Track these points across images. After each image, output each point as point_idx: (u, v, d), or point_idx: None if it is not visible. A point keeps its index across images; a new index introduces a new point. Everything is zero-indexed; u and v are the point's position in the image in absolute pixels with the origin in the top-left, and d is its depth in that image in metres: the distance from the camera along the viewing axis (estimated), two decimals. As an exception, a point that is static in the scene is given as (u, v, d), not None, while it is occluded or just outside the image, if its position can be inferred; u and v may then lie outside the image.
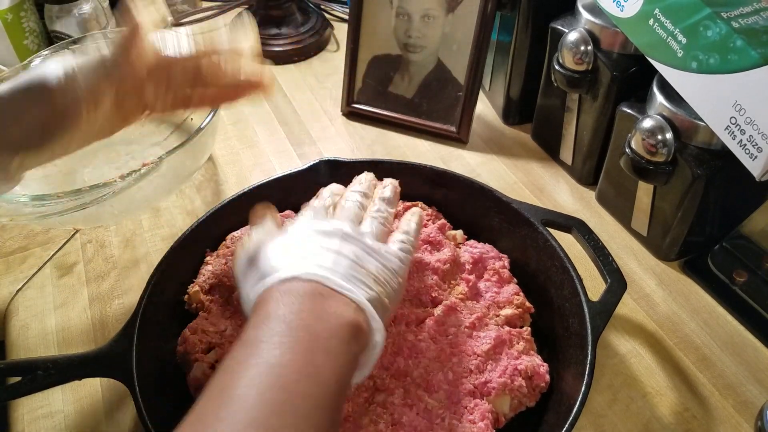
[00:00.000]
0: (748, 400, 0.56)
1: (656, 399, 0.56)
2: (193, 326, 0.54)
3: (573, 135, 0.74)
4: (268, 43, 0.95)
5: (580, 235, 0.57)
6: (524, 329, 0.55)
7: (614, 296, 0.53)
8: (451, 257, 0.58)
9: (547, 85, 0.75)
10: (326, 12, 1.04)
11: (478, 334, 0.54)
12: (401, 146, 0.82)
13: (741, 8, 0.52)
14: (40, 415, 0.55)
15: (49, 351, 0.60)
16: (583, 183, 0.77)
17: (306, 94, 0.91)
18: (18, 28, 0.85)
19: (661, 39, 0.56)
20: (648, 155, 0.60)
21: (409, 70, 0.82)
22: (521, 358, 0.52)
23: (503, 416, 0.50)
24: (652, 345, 0.60)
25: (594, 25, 0.66)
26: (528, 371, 0.52)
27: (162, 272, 0.54)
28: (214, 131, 0.74)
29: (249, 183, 0.64)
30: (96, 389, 0.56)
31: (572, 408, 0.46)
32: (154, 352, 0.51)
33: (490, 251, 0.61)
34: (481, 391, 0.51)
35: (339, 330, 0.39)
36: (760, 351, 0.60)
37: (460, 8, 0.77)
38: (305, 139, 0.83)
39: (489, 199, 0.62)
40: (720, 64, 0.52)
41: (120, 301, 0.63)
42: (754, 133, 0.51)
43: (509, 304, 0.57)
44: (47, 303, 0.63)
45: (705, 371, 0.58)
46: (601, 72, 0.66)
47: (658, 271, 0.67)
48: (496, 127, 0.85)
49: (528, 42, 0.76)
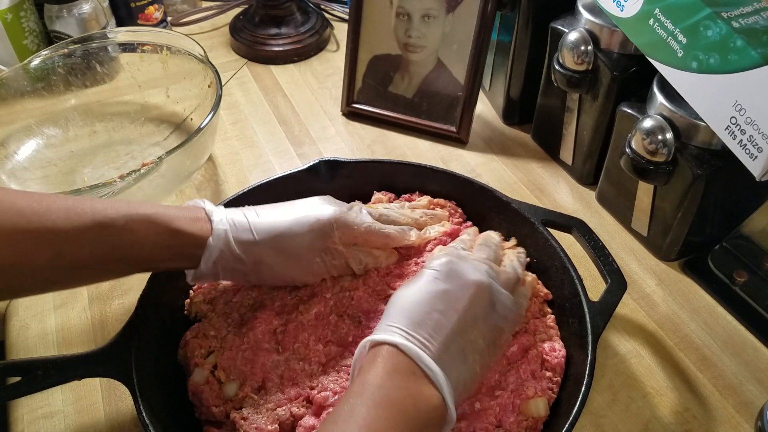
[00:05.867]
0: (748, 400, 0.56)
1: (656, 399, 0.56)
2: (194, 330, 0.54)
3: (573, 135, 0.74)
4: (268, 43, 0.95)
5: (580, 235, 0.57)
6: (548, 317, 0.55)
7: (614, 296, 0.53)
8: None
9: (548, 85, 0.75)
10: (326, 12, 1.04)
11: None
12: (401, 146, 0.82)
13: (741, 8, 0.52)
14: (40, 415, 0.55)
15: (49, 351, 0.60)
16: (583, 183, 0.77)
17: (306, 94, 0.91)
18: (18, 28, 0.85)
19: (661, 39, 0.56)
20: (648, 155, 0.60)
21: (409, 70, 0.82)
22: (543, 349, 0.52)
23: (540, 421, 0.49)
24: (652, 345, 0.60)
25: (594, 25, 0.66)
26: (551, 361, 0.52)
27: (162, 272, 0.54)
28: (213, 131, 0.74)
29: (249, 183, 0.64)
30: (96, 389, 0.56)
31: (572, 408, 0.46)
32: (154, 353, 0.51)
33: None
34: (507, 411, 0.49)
35: (427, 415, 0.41)
36: (760, 351, 0.60)
37: (460, 8, 0.77)
38: (305, 139, 0.83)
39: (489, 199, 0.62)
40: (720, 64, 0.52)
41: (120, 301, 0.63)
42: (754, 133, 0.51)
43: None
44: (47, 303, 0.63)
45: (705, 371, 0.58)
46: (602, 72, 0.66)
47: (658, 271, 0.67)
48: (496, 127, 0.85)
49: (528, 42, 0.76)
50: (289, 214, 0.53)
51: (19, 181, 0.72)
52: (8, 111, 0.76)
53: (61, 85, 0.80)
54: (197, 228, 0.50)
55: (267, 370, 0.51)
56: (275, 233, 0.52)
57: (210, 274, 0.51)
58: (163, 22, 0.98)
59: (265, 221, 0.52)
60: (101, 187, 0.60)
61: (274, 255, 0.52)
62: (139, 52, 0.81)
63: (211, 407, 0.50)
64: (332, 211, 0.54)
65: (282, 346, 0.53)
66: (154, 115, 0.83)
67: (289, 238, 0.52)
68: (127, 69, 0.83)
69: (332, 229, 0.53)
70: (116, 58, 0.83)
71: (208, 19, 1.04)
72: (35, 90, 0.78)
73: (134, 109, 0.83)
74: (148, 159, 0.65)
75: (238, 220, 0.52)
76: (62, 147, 0.78)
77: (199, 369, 0.51)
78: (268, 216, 0.53)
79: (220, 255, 0.50)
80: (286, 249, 0.53)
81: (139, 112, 0.83)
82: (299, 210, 0.54)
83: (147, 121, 0.82)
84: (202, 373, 0.51)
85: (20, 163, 0.74)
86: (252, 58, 0.97)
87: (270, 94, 0.91)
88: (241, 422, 0.48)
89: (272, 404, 0.49)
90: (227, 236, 0.50)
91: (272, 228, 0.52)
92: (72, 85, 0.81)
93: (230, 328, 0.54)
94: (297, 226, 0.52)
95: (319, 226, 0.53)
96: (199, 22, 1.03)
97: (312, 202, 0.55)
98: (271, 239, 0.52)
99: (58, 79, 0.79)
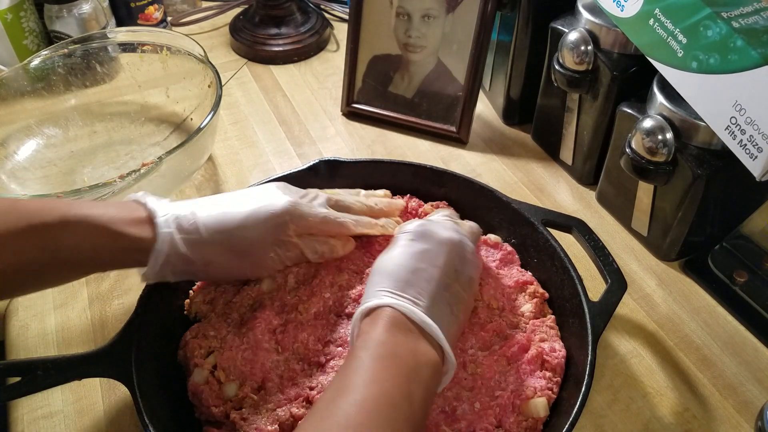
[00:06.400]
0: (748, 400, 0.56)
1: (656, 399, 0.56)
2: (194, 330, 0.54)
3: (573, 135, 0.74)
4: (268, 43, 0.95)
5: (580, 235, 0.57)
6: (548, 318, 0.56)
7: (614, 296, 0.53)
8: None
9: (547, 85, 0.75)
10: (326, 12, 1.04)
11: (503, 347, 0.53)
12: (401, 146, 0.82)
13: (741, 8, 0.52)
14: (40, 415, 0.55)
15: (48, 351, 0.59)
16: (583, 183, 0.77)
17: (306, 94, 0.91)
18: (18, 28, 0.85)
19: (661, 39, 0.56)
20: (648, 155, 0.60)
21: (409, 70, 0.82)
22: (541, 349, 0.52)
23: (540, 421, 0.49)
24: (653, 345, 0.60)
25: (594, 25, 0.66)
26: (551, 362, 0.52)
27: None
28: (213, 131, 0.74)
29: (249, 183, 0.64)
30: (96, 389, 0.56)
31: (572, 408, 0.46)
32: (154, 353, 0.51)
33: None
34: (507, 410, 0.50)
35: (427, 368, 0.43)
36: (760, 351, 0.60)
37: (460, 8, 0.77)
38: (305, 139, 0.83)
39: (489, 199, 0.62)
40: (720, 64, 0.52)
41: (120, 301, 0.63)
42: (754, 133, 0.51)
43: (526, 294, 0.57)
44: (47, 303, 0.63)
45: (705, 371, 0.58)
46: (602, 72, 0.66)
47: (658, 271, 0.67)
48: (496, 127, 0.85)
49: (528, 42, 0.76)
50: (240, 208, 0.51)
51: (19, 181, 0.72)
52: (8, 111, 0.76)
53: (61, 85, 0.80)
54: (138, 231, 0.48)
55: (267, 370, 0.51)
56: (225, 230, 0.50)
57: (159, 276, 0.49)
58: (163, 22, 0.98)
59: (213, 217, 0.50)
60: (101, 187, 0.60)
61: (225, 253, 0.50)
62: (139, 52, 0.81)
63: (211, 407, 0.50)
64: (286, 203, 0.51)
65: (282, 346, 0.53)
66: (154, 115, 0.83)
67: (241, 235, 0.50)
68: (127, 69, 0.83)
69: (286, 222, 0.51)
70: (116, 58, 0.83)
71: (208, 19, 1.04)
72: (35, 90, 0.78)
73: (134, 109, 0.83)
74: (148, 159, 0.65)
75: (184, 217, 0.49)
76: (62, 147, 0.78)
77: (199, 369, 0.51)
78: (217, 210, 0.50)
79: (167, 260, 0.48)
80: (237, 246, 0.50)
81: (139, 112, 0.83)
82: (250, 202, 0.51)
83: (147, 121, 0.82)
84: (202, 373, 0.51)
85: (20, 163, 0.74)
86: (252, 58, 0.97)
87: (270, 94, 0.91)
88: (240, 422, 0.48)
89: (272, 404, 0.49)
90: (172, 239, 0.48)
91: (222, 225, 0.50)
92: (72, 85, 0.81)
93: (230, 328, 0.54)
94: (249, 221, 0.50)
95: (272, 220, 0.51)
96: (199, 22, 1.03)
97: (264, 192, 0.52)
98: (221, 237, 0.49)
99: (58, 79, 0.79)
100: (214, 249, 0.50)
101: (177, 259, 0.49)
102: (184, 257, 0.49)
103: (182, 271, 0.50)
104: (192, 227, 0.49)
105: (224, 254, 0.50)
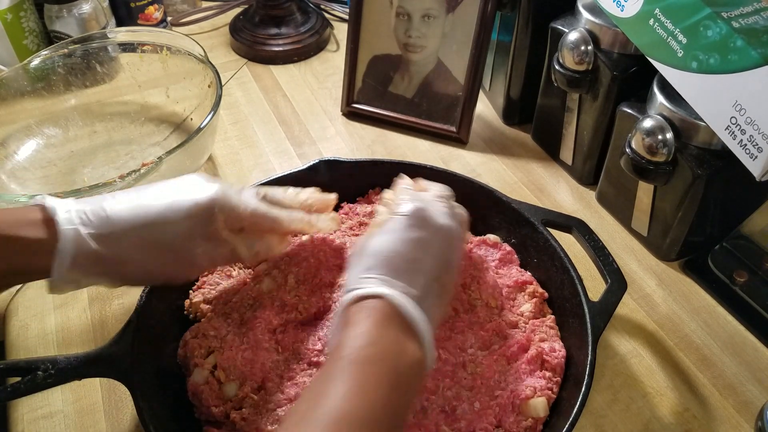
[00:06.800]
0: (748, 400, 0.56)
1: (656, 399, 0.56)
2: (194, 330, 0.54)
3: (573, 135, 0.74)
4: (268, 43, 0.95)
5: (580, 235, 0.57)
6: (547, 318, 0.56)
7: (614, 296, 0.53)
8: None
9: (547, 85, 0.75)
10: (326, 12, 1.04)
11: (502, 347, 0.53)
12: (401, 146, 0.82)
13: (741, 8, 0.52)
14: (40, 415, 0.55)
15: (48, 351, 0.59)
16: (583, 183, 0.77)
17: (306, 94, 0.91)
18: (18, 28, 0.85)
19: (661, 39, 0.56)
20: (648, 155, 0.60)
21: (409, 70, 0.82)
22: (540, 349, 0.52)
23: (540, 421, 0.49)
24: (653, 345, 0.60)
25: (594, 24, 0.66)
26: (551, 362, 0.52)
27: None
28: (213, 131, 0.74)
29: (249, 183, 0.64)
30: (96, 389, 0.56)
31: (572, 408, 0.46)
32: (154, 353, 0.51)
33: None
34: (507, 410, 0.50)
35: (412, 370, 0.41)
36: (760, 351, 0.60)
37: (460, 8, 0.77)
38: (305, 139, 0.83)
39: (489, 199, 0.62)
40: (720, 64, 0.52)
41: (120, 301, 0.63)
42: (754, 133, 0.51)
43: (525, 294, 0.57)
44: (47, 303, 0.63)
45: (705, 371, 0.58)
46: (602, 72, 0.66)
47: (658, 271, 0.67)
48: (496, 127, 0.85)
49: (528, 42, 0.76)
50: (159, 198, 0.45)
51: (19, 181, 0.72)
52: (8, 111, 0.76)
53: (61, 85, 0.80)
54: (33, 232, 0.42)
55: (267, 370, 0.51)
56: (142, 223, 0.44)
57: (69, 282, 0.44)
58: (163, 22, 0.98)
59: (127, 208, 0.44)
60: (101, 187, 0.60)
61: (143, 249, 0.44)
62: (139, 52, 0.81)
63: (210, 407, 0.50)
64: (213, 191, 0.46)
65: (282, 346, 0.53)
66: (154, 115, 0.83)
67: (161, 228, 0.44)
68: (127, 69, 0.83)
69: (213, 213, 0.46)
70: (116, 58, 0.83)
71: (208, 19, 1.04)
72: (35, 90, 0.78)
73: (134, 109, 0.83)
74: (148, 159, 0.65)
75: (93, 211, 0.43)
76: (62, 147, 0.78)
77: (198, 369, 0.51)
78: (132, 201, 0.45)
79: (75, 261, 0.42)
80: (157, 241, 0.44)
81: (139, 112, 0.83)
82: (171, 192, 0.46)
83: (147, 121, 0.82)
84: (202, 373, 0.51)
85: (20, 163, 0.75)
86: (252, 58, 0.97)
87: (270, 94, 0.91)
88: (241, 422, 0.48)
89: (272, 404, 0.49)
90: (78, 236, 0.42)
91: (137, 216, 0.44)
92: (72, 85, 0.81)
93: (230, 328, 0.54)
94: (170, 211, 0.45)
95: (198, 211, 0.45)
96: (199, 22, 1.03)
97: (188, 181, 0.47)
98: (137, 230, 0.44)
99: (58, 79, 0.79)
100: (130, 244, 0.44)
101: (87, 259, 0.43)
102: (95, 256, 0.43)
103: (96, 273, 0.44)
104: (101, 220, 0.43)
105: (143, 250, 0.44)
